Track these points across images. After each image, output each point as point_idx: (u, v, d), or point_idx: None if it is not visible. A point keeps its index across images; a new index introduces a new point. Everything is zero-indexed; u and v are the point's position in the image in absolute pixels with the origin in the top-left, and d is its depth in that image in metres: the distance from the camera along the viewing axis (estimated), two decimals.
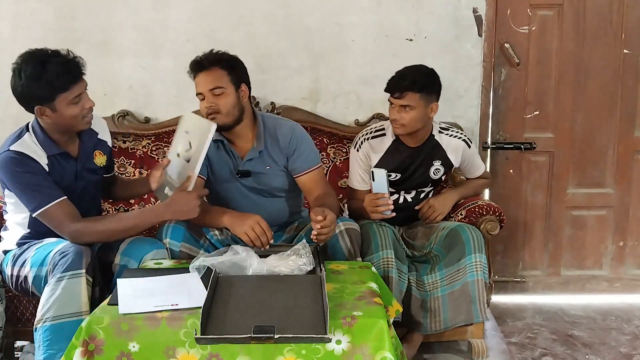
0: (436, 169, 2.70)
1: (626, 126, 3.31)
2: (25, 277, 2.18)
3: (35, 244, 2.24)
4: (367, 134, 2.70)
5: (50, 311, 1.99)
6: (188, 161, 2.20)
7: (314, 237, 2.14)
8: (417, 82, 2.51)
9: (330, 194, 2.47)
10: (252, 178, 2.44)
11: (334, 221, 2.21)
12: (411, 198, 2.74)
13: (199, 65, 2.33)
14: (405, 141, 2.66)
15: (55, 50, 2.15)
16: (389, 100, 2.56)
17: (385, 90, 2.56)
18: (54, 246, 2.13)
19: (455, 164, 2.74)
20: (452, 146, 2.70)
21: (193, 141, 2.20)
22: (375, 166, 2.64)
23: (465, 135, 2.74)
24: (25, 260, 2.19)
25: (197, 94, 2.35)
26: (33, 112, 2.17)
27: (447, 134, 2.71)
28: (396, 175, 2.68)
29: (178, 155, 2.25)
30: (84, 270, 2.02)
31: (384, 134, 2.69)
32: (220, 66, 2.32)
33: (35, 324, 2.02)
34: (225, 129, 2.36)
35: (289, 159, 2.46)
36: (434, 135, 2.68)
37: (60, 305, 1.99)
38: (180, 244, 2.30)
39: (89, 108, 2.20)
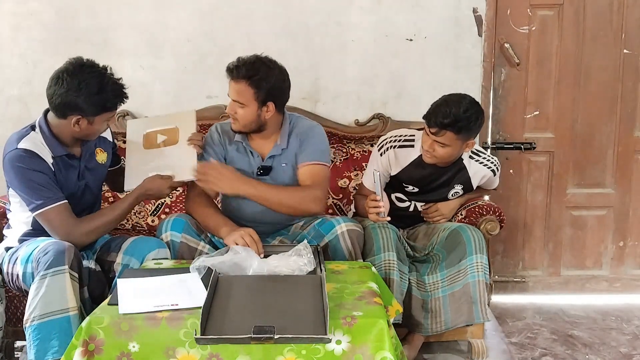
0: (455, 192, 2.65)
1: (626, 126, 3.31)
2: (17, 275, 2.18)
3: (31, 241, 2.24)
4: (395, 140, 2.59)
5: (36, 310, 1.99)
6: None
7: None
8: (457, 123, 2.34)
9: (311, 186, 2.36)
10: (269, 176, 2.44)
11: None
12: (421, 207, 2.71)
13: (230, 72, 2.31)
14: None
15: (105, 67, 2.18)
16: (424, 127, 2.44)
17: (424, 118, 2.42)
18: (39, 243, 2.13)
19: (475, 186, 2.68)
20: (478, 174, 2.62)
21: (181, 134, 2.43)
22: (393, 176, 2.61)
23: (494, 164, 2.63)
24: (17, 257, 2.20)
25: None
26: (62, 118, 2.17)
27: (476, 160, 2.60)
28: (413, 188, 2.63)
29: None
30: (66, 267, 2.01)
31: (412, 146, 2.57)
32: (249, 82, 2.28)
33: (23, 323, 2.02)
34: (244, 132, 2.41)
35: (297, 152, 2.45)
36: (462, 159, 2.58)
37: (46, 303, 1.99)
38: (181, 234, 2.30)
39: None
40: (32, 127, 2.23)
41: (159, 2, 3.15)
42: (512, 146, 3.27)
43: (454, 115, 2.34)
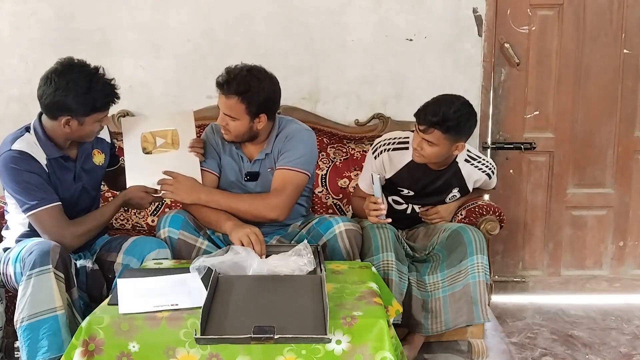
0: (453, 196, 2.64)
1: (626, 126, 3.31)
2: (10, 275, 2.18)
3: (24, 241, 2.23)
4: (389, 143, 2.57)
5: (25, 311, 1.99)
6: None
7: None
8: (446, 122, 2.31)
9: (273, 193, 2.33)
10: (258, 181, 2.43)
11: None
12: (419, 209, 2.70)
13: (220, 87, 2.27)
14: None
15: (96, 67, 2.16)
16: (415, 124, 2.42)
17: (414, 115, 2.40)
18: (27, 243, 2.13)
19: (471, 189, 2.67)
20: (473, 177, 2.61)
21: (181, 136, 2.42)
22: (388, 180, 2.59)
23: (490, 169, 2.62)
24: (9, 258, 2.19)
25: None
26: (53, 119, 2.16)
27: (472, 164, 2.58)
28: (409, 192, 2.62)
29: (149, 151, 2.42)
30: (50, 266, 1.99)
31: (406, 148, 2.54)
32: (240, 98, 2.24)
33: (14, 324, 2.02)
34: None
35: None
36: (457, 162, 2.56)
37: (33, 303, 1.98)
38: (179, 231, 2.30)
39: (105, 125, 2.29)
40: (27, 129, 2.22)
41: (159, 2, 3.15)
42: (512, 146, 3.27)
43: (444, 114, 2.32)
